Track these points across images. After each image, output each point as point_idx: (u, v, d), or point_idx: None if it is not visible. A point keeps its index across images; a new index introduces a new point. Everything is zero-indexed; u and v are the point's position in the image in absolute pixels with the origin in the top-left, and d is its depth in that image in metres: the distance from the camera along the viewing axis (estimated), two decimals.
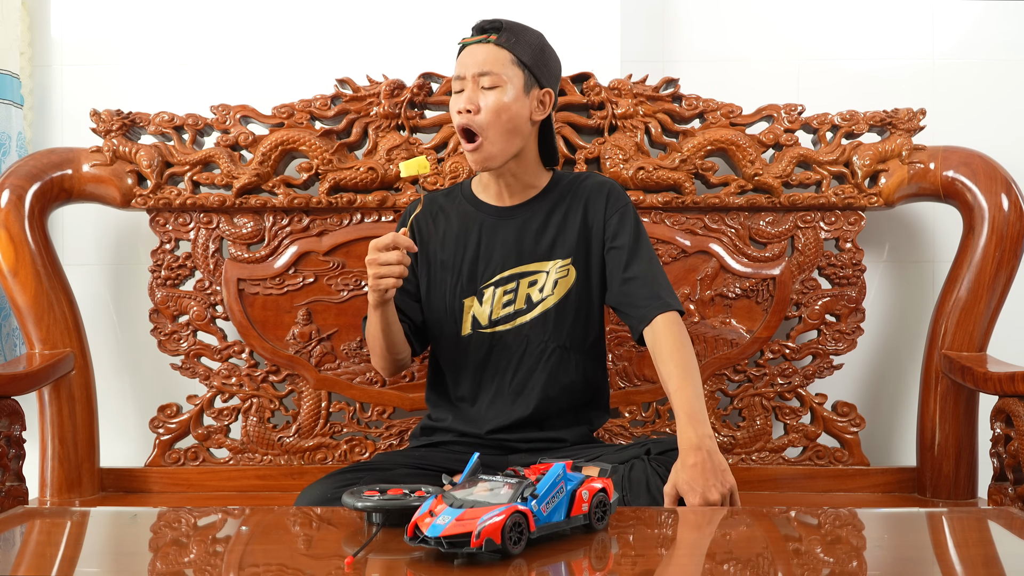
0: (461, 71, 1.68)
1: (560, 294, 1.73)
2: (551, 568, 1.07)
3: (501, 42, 1.67)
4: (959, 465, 2.01)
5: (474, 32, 1.70)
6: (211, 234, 2.07)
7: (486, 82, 1.66)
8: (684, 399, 1.54)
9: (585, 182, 1.78)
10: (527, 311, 1.73)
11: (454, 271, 1.76)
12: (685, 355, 1.59)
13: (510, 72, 1.66)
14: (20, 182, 1.99)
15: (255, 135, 2.05)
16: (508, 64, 1.66)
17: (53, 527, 1.34)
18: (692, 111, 2.06)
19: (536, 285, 1.73)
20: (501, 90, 1.66)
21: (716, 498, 1.42)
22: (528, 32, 1.71)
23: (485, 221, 1.76)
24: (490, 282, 1.74)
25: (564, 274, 1.73)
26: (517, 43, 1.67)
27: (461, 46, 1.71)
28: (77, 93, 2.25)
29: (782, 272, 2.06)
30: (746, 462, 2.07)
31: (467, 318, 1.75)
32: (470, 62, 1.67)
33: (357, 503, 1.23)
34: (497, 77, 1.65)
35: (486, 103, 1.66)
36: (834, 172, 2.05)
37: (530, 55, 1.69)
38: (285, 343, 2.07)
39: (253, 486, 2.06)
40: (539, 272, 1.73)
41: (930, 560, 1.20)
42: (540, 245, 1.74)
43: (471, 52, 1.68)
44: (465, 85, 1.67)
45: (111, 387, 2.21)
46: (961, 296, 2.01)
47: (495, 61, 1.66)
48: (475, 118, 1.66)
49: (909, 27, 2.26)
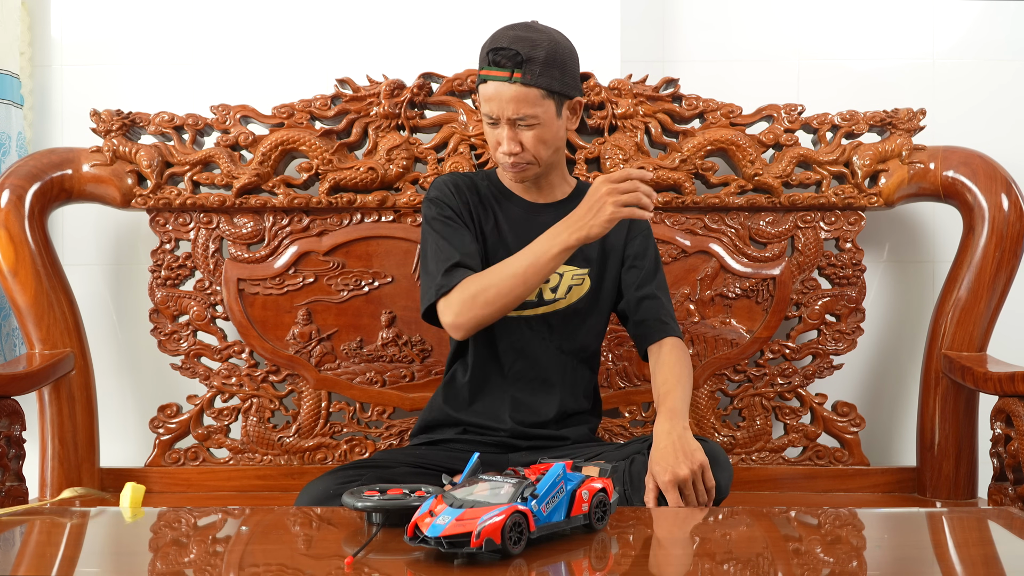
0: (494, 111, 1.65)
1: (571, 300, 1.75)
2: (551, 568, 1.07)
3: (527, 80, 1.62)
4: (959, 465, 2.01)
5: (492, 63, 1.64)
6: (211, 234, 2.07)
7: (523, 123, 1.65)
8: (670, 400, 1.63)
9: None
10: (537, 305, 1.75)
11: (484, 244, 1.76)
12: (683, 370, 1.69)
13: (543, 107, 1.65)
14: (20, 182, 1.99)
15: (255, 135, 2.05)
16: (539, 100, 1.64)
17: (53, 527, 1.34)
18: (692, 111, 2.06)
19: (549, 284, 1.75)
20: (539, 125, 1.66)
21: (685, 473, 1.47)
22: (543, 48, 1.63)
23: (513, 212, 1.78)
24: None
25: (579, 282, 1.76)
26: (541, 73, 1.63)
27: (482, 78, 1.66)
28: (77, 93, 2.25)
29: (782, 272, 2.06)
30: (746, 462, 2.07)
31: None
32: (501, 105, 1.64)
33: (357, 503, 1.23)
34: (532, 117, 1.64)
35: (528, 140, 1.67)
36: (834, 172, 2.05)
37: (558, 79, 1.65)
38: (285, 343, 2.07)
39: (253, 486, 2.06)
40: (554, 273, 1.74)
41: (930, 560, 1.20)
42: None
43: (498, 92, 1.63)
44: (500, 122, 1.66)
45: (111, 387, 2.21)
46: (961, 296, 2.01)
47: (526, 102, 1.63)
48: (522, 155, 1.68)
49: (909, 27, 2.26)
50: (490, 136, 1.70)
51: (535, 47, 1.62)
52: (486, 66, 1.64)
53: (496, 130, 1.68)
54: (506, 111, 1.64)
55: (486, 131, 1.71)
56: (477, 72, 1.69)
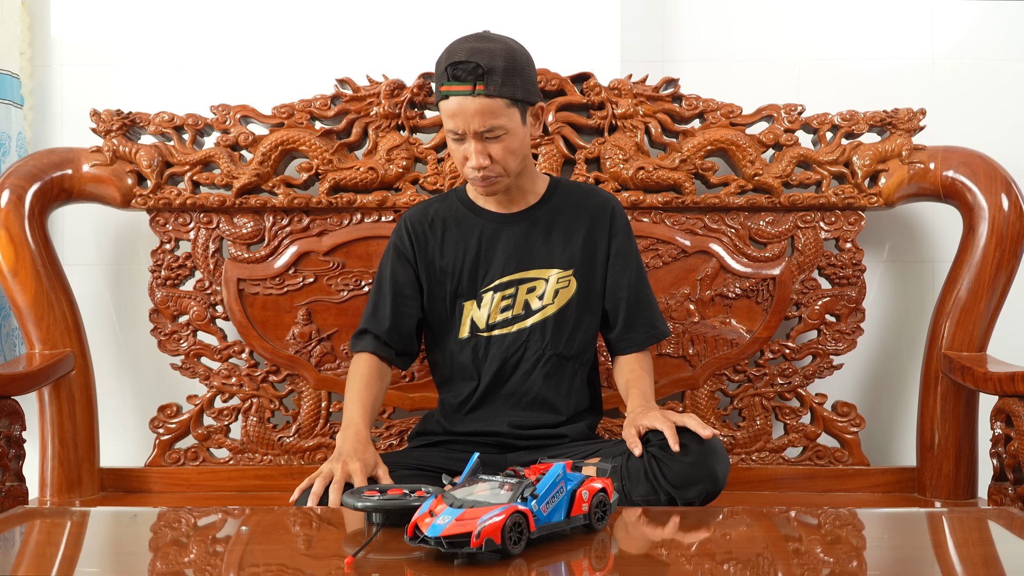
0: (459, 126, 1.62)
1: (560, 304, 1.75)
2: (551, 568, 1.07)
3: (491, 92, 1.60)
4: (959, 465, 2.01)
5: (453, 78, 1.60)
6: (211, 234, 2.07)
7: (489, 135, 1.63)
8: (639, 385, 1.72)
9: (589, 197, 1.80)
10: (525, 317, 1.74)
11: (453, 275, 1.76)
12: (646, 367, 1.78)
13: (507, 116, 1.62)
14: (20, 182, 1.99)
15: (255, 135, 2.05)
16: (504, 110, 1.62)
17: (53, 527, 1.34)
18: (692, 111, 2.06)
19: (535, 292, 1.75)
20: (506, 135, 1.64)
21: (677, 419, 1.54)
22: (501, 57, 1.61)
23: (486, 227, 1.77)
24: (489, 287, 1.75)
25: (565, 284, 1.75)
26: (503, 83, 1.60)
27: (443, 94, 1.62)
28: (77, 93, 2.25)
29: (782, 272, 2.06)
30: (746, 462, 2.07)
31: (465, 321, 1.76)
32: (467, 119, 1.61)
33: (357, 503, 1.23)
34: (500, 128, 1.62)
35: (497, 151, 1.65)
36: (834, 172, 2.05)
37: (520, 87, 1.63)
38: (285, 343, 2.07)
39: (253, 486, 2.06)
40: (538, 280, 1.75)
41: (930, 560, 1.20)
42: (541, 253, 1.75)
43: (462, 107, 1.60)
44: (465, 137, 1.64)
45: (111, 387, 2.21)
46: (961, 296, 2.01)
47: (491, 114, 1.61)
48: (492, 167, 1.66)
49: (909, 27, 2.26)
50: (456, 152, 1.67)
51: (494, 57, 1.60)
52: (446, 81, 1.61)
53: (462, 145, 1.65)
54: (472, 124, 1.61)
55: (451, 148, 1.68)
56: (436, 89, 1.65)
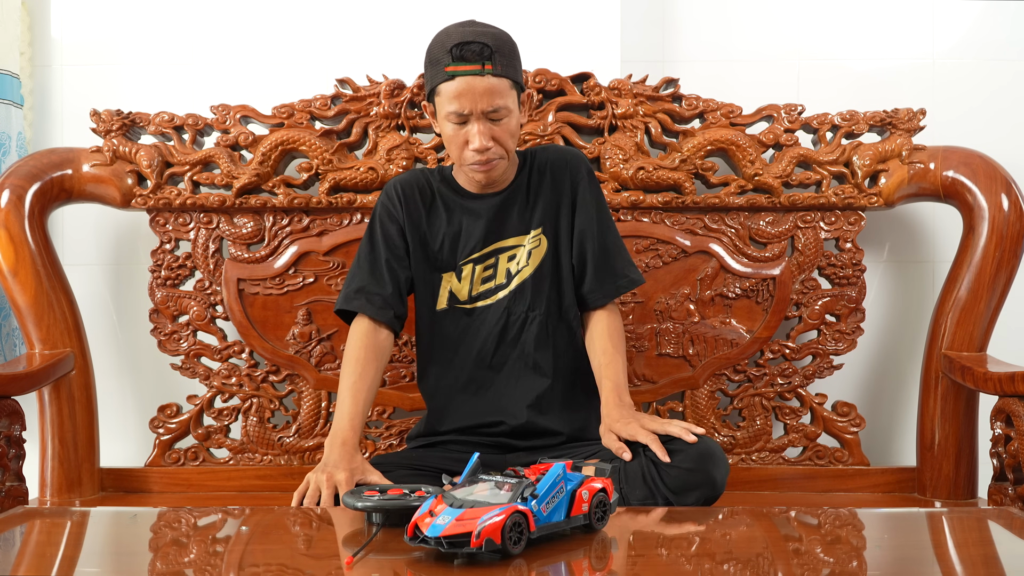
0: (464, 107, 1.62)
1: (535, 264, 1.76)
2: (551, 568, 1.07)
3: (498, 71, 1.62)
4: (959, 465, 2.01)
5: (459, 59, 1.61)
6: (211, 234, 2.07)
7: (494, 115, 1.64)
8: (611, 372, 1.70)
9: (548, 154, 1.81)
10: (506, 284, 1.76)
11: (435, 246, 1.78)
12: (617, 340, 1.75)
13: (511, 96, 1.65)
14: (20, 182, 1.99)
15: (255, 135, 2.05)
16: (508, 90, 1.64)
17: (53, 527, 1.34)
18: (692, 111, 2.06)
19: (515, 260, 1.76)
20: (508, 116, 1.65)
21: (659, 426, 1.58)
22: (501, 39, 1.65)
23: (468, 207, 1.78)
24: (469, 258, 1.77)
25: (536, 244, 1.77)
26: (508, 64, 1.63)
27: (449, 75, 1.62)
28: (77, 93, 2.25)
29: (782, 272, 2.06)
30: (746, 462, 2.07)
31: (443, 293, 1.78)
32: (475, 99, 1.62)
33: (357, 503, 1.23)
34: (504, 108, 1.64)
35: (500, 132, 1.65)
36: (834, 172, 2.05)
37: (518, 70, 1.67)
38: (285, 343, 2.07)
39: (253, 486, 2.06)
40: (517, 246, 1.77)
41: (930, 560, 1.20)
42: (517, 221, 1.77)
43: (471, 86, 1.61)
44: (469, 118, 1.64)
45: (111, 387, 2.21)
46: (961, 296, 2.01)
47: (499, 93, 1.62)
48: (494, 149, 1.66)
49: (909, 27, 2.26)
50: (455, 137, 1.66)
51: (495, 39, 1.63)
52: (451, 62, 1.61)
53: (464, 128, 1.65)
54: (480, 104, 1.61)
55: (449, 132, 1.66)
56: (434, 74, 1.64)
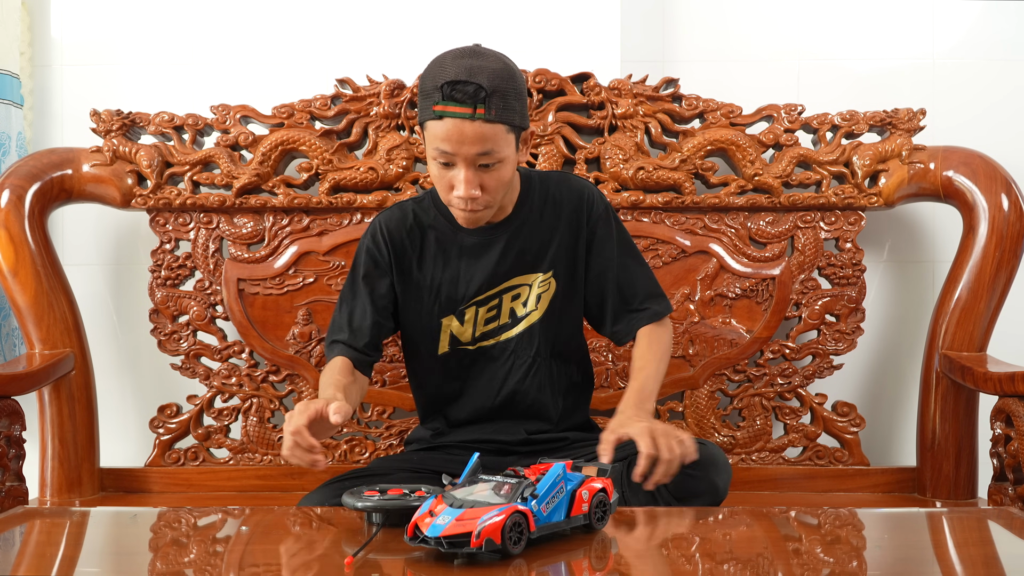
0: (451, 151, 1.48)
1: (544, 308, 1.68)
2: (551, 568, 1.07)
3: (491, 117, 1.46)
4: (959, 465, 2.01)
5: (449, 98, 1.46)
6: (211, 234, 2.07)
7: (484, 162, 1.49)
8: (640, 376, 1.61)
9: (560, 188, 1.69)
10: (512, 326, 1.69)
11: (431, 291, 1.68)
12: (657, 348, 1.66)
13: (505, 142, 1.49)
14: (20, 182, 1.99)
15: (255, 135, 2.05)
16: (502, 136, 1.48)
17: (53, 527, 1.34)
18: (692, 111, 2.06)
19: (520, 299, 1.68)
20: (500, 164, 1.51)
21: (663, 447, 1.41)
22: (501, 78, 1.48)
23: (465, 241, 1.66)
24: (471, 302, 1.67)
25: (546, 288, 1.68)
26: (504, 107, 1.47)
27: (437, 114, 1.47)
28: (77, 93, 2.25)
29: (782, 272, 2.06)
30: (746, 462, 2.07)
31: (444, 337, 1.70)
32: (462, 144, 1.47)
33: (357, 503, 1.23)
34: (495, 155, 1.49)
35: (489, 181, 1.52)
36: (834, 172, 2.05)
37: (517, 112, 1.50)
38: (285, 343, 2.07)
39: (253, 486, 2.06)
40: (522, 286, 1.68)
41: (930, 560, 1.20)
42: (523, 260, 1.67)
43: (459, 130, 1.46)
44: (455, 160, 1.50)
45: (111, 387, 2.21)
46: (961, 296, 2.01)
47: (490, 140, 1.47)
48: (480, 199, 1.53)
49: (909, 27, 2.26)
50: (440, 179, 1.53)
51: (494, 78, 1.46)
52: (440, 101, 1.46)
53: (450, 172, 1.52)
54: (468, 150, 1.47)
55: (435, 173, 1.53)
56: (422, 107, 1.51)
